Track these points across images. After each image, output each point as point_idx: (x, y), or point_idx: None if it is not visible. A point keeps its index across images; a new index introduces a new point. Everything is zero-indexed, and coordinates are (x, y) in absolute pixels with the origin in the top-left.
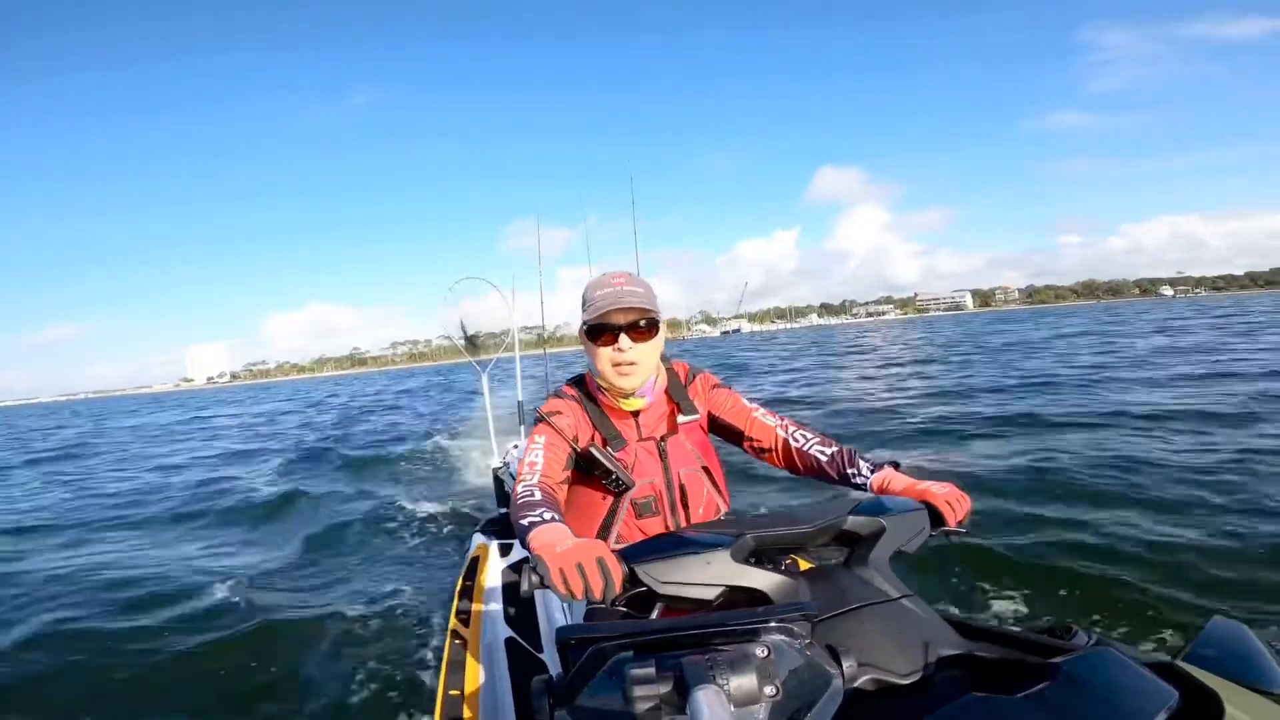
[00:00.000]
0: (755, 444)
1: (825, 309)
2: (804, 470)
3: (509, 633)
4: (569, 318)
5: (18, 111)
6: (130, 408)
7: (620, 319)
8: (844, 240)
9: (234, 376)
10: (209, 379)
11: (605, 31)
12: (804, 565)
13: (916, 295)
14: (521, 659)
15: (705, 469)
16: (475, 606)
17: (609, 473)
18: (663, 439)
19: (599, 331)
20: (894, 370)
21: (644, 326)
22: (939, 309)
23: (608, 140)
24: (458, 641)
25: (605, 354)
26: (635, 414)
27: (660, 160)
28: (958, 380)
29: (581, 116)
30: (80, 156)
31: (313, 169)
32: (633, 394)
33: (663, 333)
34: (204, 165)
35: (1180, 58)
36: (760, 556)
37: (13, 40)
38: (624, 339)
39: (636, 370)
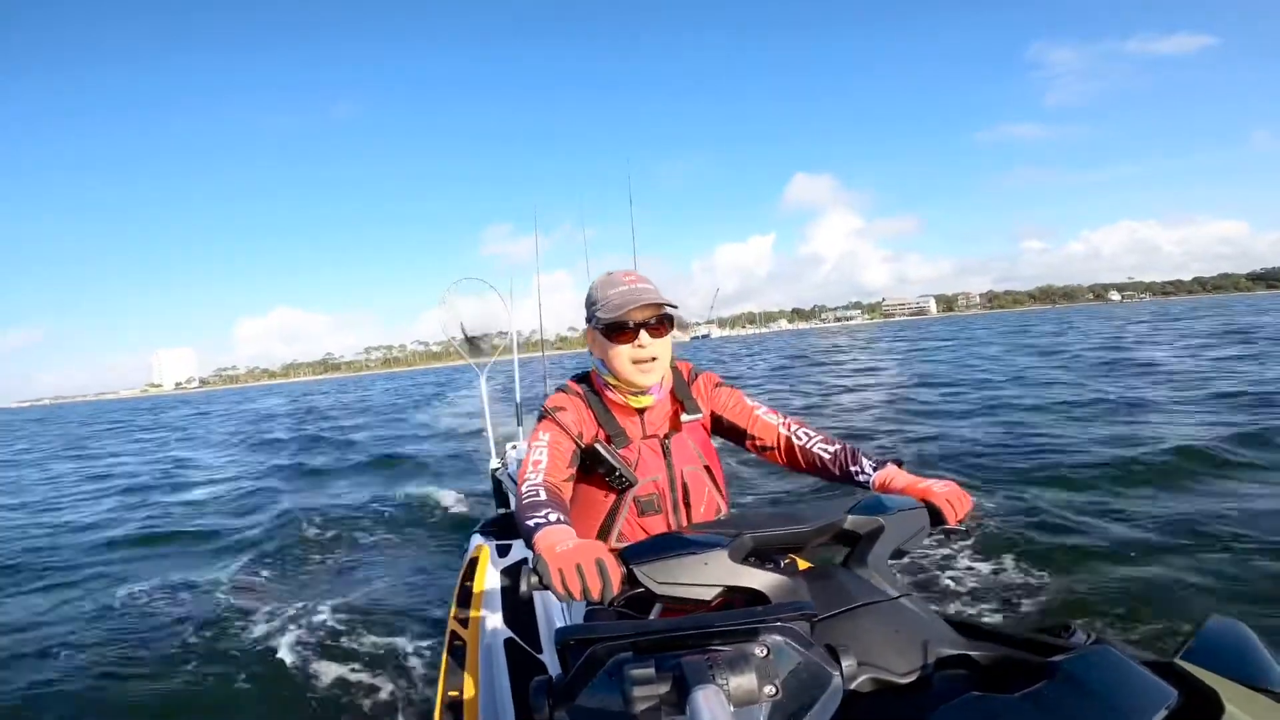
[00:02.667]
0: (758, 442)
1: (797, 314)
2: (806, 468)
3: (508, 634)
4: (548, 322)
5: None
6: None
7: (640, 316)
8: (818, 246)
9: (203, 382)
10: (177, 384)
11: (569, 38)
12: (803, 564)
13: (884, 301)
14: (521, 660)
15: (707, 468)
16: (474, 608)
17: (612, 469)
18: (666, 437)
19: (617, 329)
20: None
21: (661, 322)
22: (904, 314)
23: (579, 146)
24: (457, 643)
25: (625, 351)
26: (641, 412)
27: (636, 164)
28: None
29: (551, 123)
30: (40, 155)
31: (282, 172)
32: (646, 389)
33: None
34: (168, 166)
35: (1123, 73)
36: (759, 556)
37: None
38: (644, 335)
39: (656, 366)
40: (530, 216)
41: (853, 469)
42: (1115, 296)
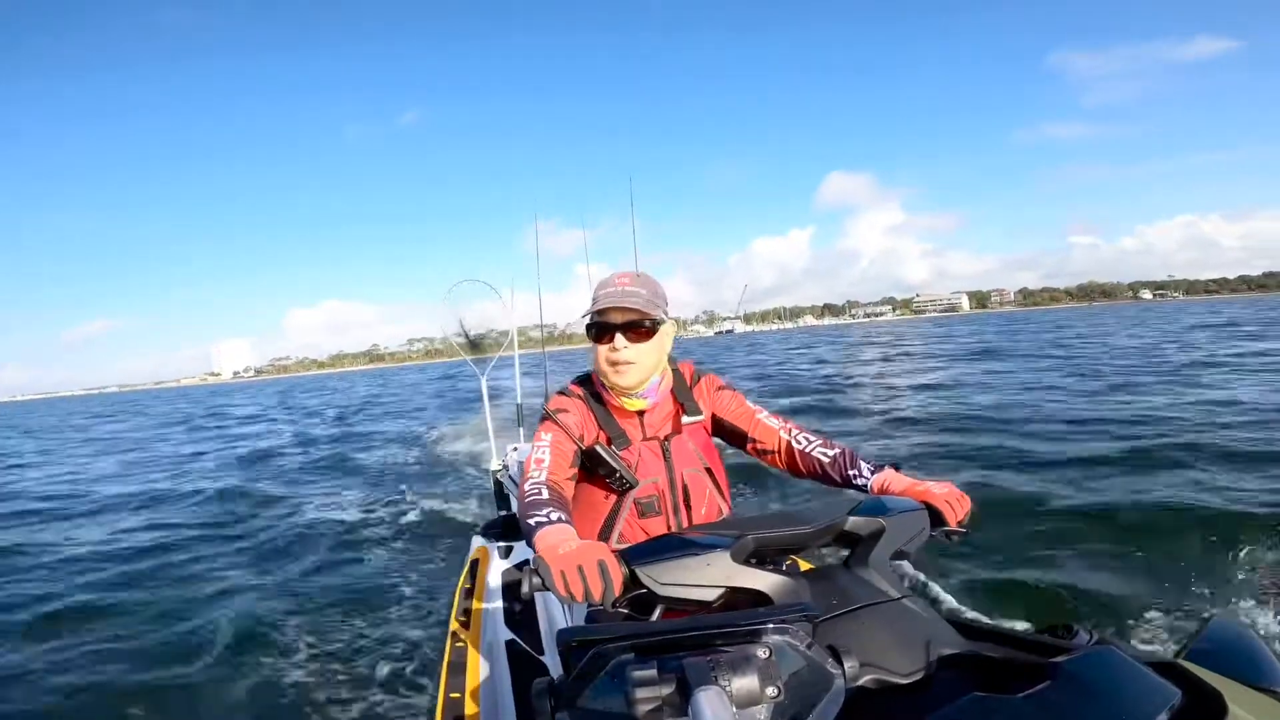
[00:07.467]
0: (758, 445)
1: (827, 309)
2: (806, 472)
3: (510, 635)
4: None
5: (49, 107)
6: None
7: (618, 318)
8: (855, 241)
9: (258, 371)
10: (235, 373)
11: (612, 33)
12: (804, 566)
13: (917, 296)
14: (522, 661)
15: (708, 470)
16: (476, 608)
17: (613, 471)
18: (666, 439)
19: (598, 329)
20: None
21: (642, 327)
22: (936, 310)
23: (627, 143)
24: (458, 644)
25: (602, 352)
26: (640, 414)
27: (679, 162)
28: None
29: (603, 120)
30: (106, 154)
31: (333, 168)
32: (631, 392)
33: (666, 333)
34: (224, 164)
35: (1154, 75)
36: (760, 557)
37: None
38: (620, 338)
39: (631, 370)
40: (570, 210)
41: (851, 473)
42: (1147, 295)
